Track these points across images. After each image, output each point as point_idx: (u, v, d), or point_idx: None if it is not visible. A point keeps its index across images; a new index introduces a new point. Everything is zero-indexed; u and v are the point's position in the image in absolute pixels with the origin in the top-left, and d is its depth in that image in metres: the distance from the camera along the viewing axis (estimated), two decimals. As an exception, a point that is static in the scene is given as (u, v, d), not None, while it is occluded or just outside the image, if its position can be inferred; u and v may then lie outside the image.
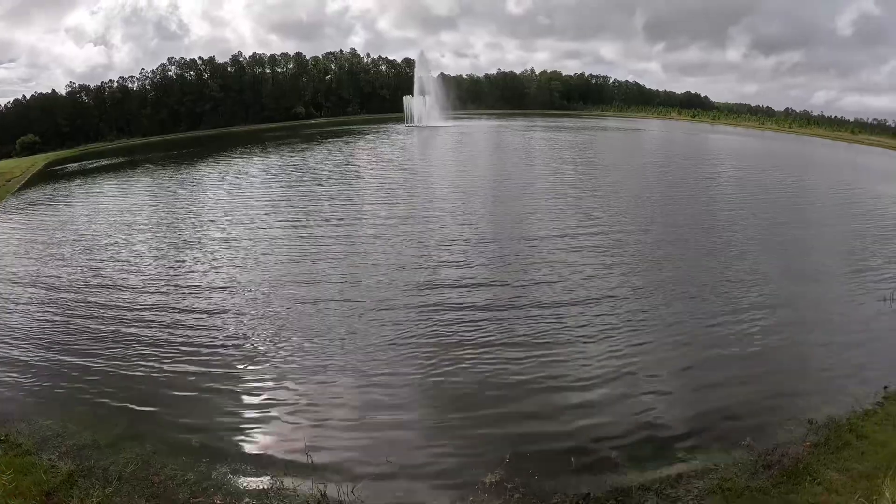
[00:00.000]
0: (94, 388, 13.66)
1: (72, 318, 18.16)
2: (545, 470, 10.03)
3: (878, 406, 11.81)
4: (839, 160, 66.88)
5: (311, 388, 13.11)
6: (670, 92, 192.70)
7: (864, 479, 9.26)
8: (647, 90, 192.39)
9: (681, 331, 15.80)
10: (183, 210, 35.22)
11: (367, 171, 48.67)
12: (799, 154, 71.33)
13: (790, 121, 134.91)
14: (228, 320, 17.14)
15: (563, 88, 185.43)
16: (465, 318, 16.65)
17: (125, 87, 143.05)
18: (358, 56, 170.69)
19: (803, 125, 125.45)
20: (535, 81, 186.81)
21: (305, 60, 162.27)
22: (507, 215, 29.84)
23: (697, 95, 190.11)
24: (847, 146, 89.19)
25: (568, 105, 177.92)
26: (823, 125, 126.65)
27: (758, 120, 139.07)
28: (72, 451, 10.96)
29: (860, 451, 10.09)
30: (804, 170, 52.89)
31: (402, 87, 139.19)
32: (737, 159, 59.65)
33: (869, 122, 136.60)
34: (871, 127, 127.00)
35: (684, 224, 28.31)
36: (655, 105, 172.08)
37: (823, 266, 22.13)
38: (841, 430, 10.81)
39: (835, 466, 9.65)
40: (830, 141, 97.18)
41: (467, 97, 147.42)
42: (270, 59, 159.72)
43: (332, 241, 25.36)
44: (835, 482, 9.23)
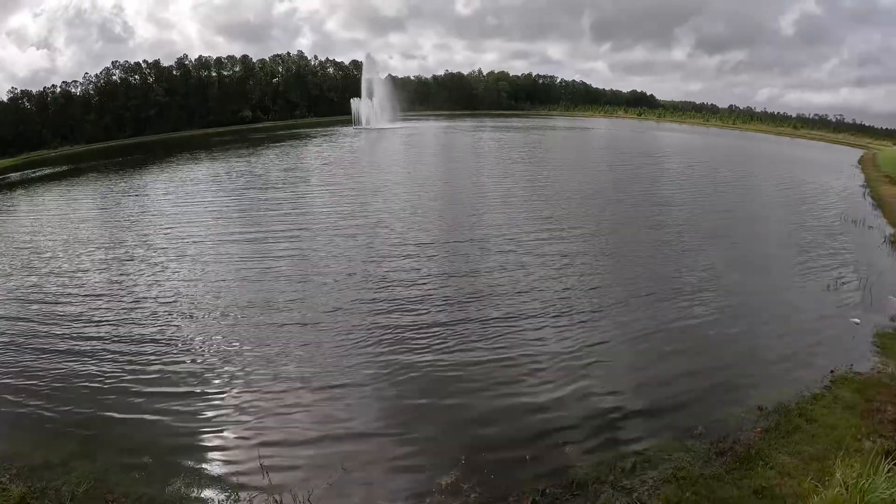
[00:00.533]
0: (43, 407, 13.23)
1: (15, 336, 17.55)
2: (501, 469, 10.03)
3: (825, 390, 12.10)
4: (783, 154, 68.34)
5: (264, 401, 12.89)
6: (617, 91, 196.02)
7: (816, 461, 9.45)
8: (593, 89, 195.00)
9: (629, 325, 15.95)
10: (128, 220, 34.33)
11: (315, 175, 48.07)
12: (743, 149, 72.70)
13: (734, 117, 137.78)
14: (177, 334, 16.75)
15: (511, 89, 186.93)
16: (416, 322, 16.56)
17: (68, 93, 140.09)
18: (305, 58, 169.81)
19: (747, 121, 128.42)
20: (483, 82, 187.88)
21: (252, 63, 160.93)
22: (457, 217, 29.65)
23: (644, 94, 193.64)
24: (790, 141, 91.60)
25: (516, 105, 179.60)
26: (766, 121, 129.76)
27: (703, 117, 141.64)
28: (23, 472, 10.64)
29: (810, 434, 10.31)
30: (749, 164, 53.93)
31: (350, 89, 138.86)
32: (684, 155, 60.70)
33: (811, 118, 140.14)
34: (812, 122, 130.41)
35: (632, 219, 28.67)
36: (602, 104, 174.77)
37: (770, 257, 22.63)
38: (791, 414, 11.04)
39: (786, 450, 9.83)
40: (774, 136, 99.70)
41: (415, 98, 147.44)
42: (217, 63, 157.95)
43: (280, 249, 24.97)
44: (787, 465, 9.39)
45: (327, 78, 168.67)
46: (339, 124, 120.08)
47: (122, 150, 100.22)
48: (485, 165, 51.59)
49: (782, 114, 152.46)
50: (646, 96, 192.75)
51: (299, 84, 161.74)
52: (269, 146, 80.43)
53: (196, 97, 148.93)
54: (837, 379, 12.56)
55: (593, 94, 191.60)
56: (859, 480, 8.06)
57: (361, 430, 11.61)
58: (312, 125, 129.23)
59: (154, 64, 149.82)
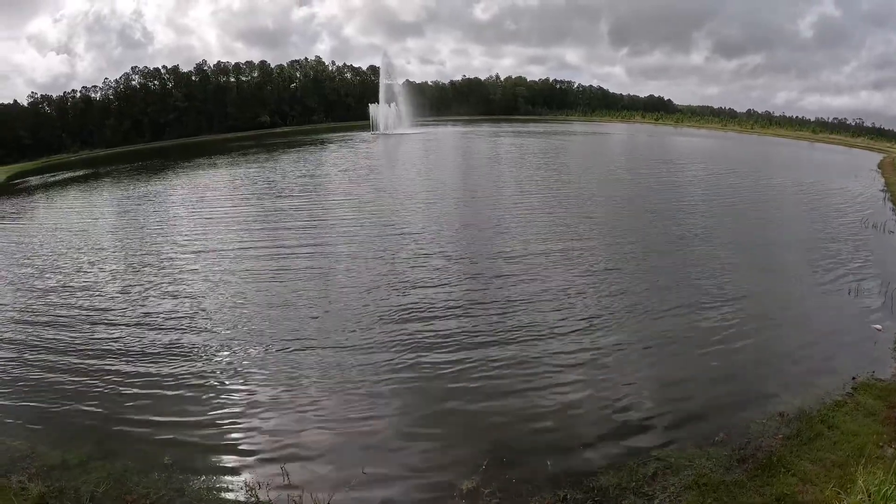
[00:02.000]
0: (63, 407, 13.34)
1: (39, 336, 17.73)
2: (522, 475, 9.98)
3: (847, 396, 11.98)
4: (802, 159, 67.87)
5: (285, 403, 12.91)
6: (634, 96, 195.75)
7: (838, 468, 9.37)
8: (610, 94, 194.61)
9: (650, 331, 15.85)
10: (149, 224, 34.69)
11: (334, 182, 47.84)
12: (762, 154, 72.26)
13: (752, 122, 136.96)
14: (198, 335, 16.86)
15: (528, 94, 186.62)
16: (440, 325, 16.57)
17: (88, 97, 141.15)
18: (323, 64, 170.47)
19: (765, 126, 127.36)
20: (501, 87, 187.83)
21: (270, 69, 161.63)
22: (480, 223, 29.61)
23: (661, 99, 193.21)
24: (809, 145, 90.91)
25: (533, 110, 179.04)
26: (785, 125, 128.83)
27: (721, 122, 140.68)
28: (42, 471, 10.69)
29: (832, 441, 10.22)
30: (769, 168, 53.49)
31: (368, 94, 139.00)
32: (703, 161, 59.98)
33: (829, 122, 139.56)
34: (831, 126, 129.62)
35: (651, 223, 28.56)
36: (619, 109, 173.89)
37: (790, 262, 22.45)
38: (812, 421, 10.93)
39: (808, 457, 9.75)
40: (792, 140, 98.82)
41: (433, 104, 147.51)
42: (235, 68, 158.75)
43: (300, 253, 25.04)
44: (809, 473, 9.32)
45: (344, 83, 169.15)
46: (356, 129, 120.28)
47: (141, 155, 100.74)
48: (507, 172, 51.11)
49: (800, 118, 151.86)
50: (663, 101, 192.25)
51: (317, 89, 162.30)
52: (288, 151, 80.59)
53: (214, 102, 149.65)
54: (859, 385, 12.43)
55: (610, 99, 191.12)
56: (882, 487, 8.01)
57: (383, 435, 11.60)
58: (330, 130, 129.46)
59: (173, 69, 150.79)
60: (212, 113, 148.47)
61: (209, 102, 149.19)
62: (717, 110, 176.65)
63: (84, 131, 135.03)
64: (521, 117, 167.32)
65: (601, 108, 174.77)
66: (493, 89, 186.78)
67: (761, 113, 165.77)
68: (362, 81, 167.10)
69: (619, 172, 49.95)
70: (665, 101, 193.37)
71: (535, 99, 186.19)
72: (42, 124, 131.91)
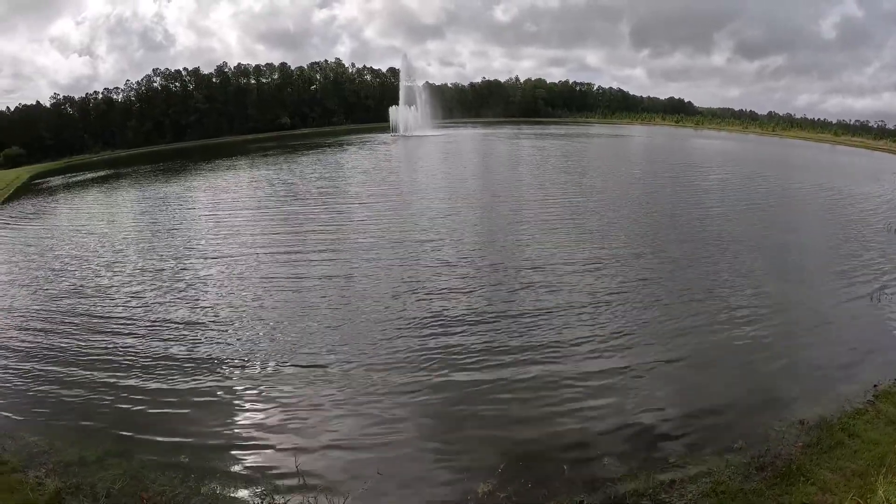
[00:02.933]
0: (81, 404, 13.51)
1: (58, 334, 17.96)
2: (538, 479, 9.98)
3: (868, 405, 11.84)
4: (823, 162, 67.20)
5: (301, 404, 12.98)
6: (654, 98, 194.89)
7: (858, 477, 9.27)
8: (630, 96, 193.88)
9: (669, 335, 15.80)
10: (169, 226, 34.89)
11: (354, 185, 47.63)
12: (784, 156, 71.59)
13: (773, 124, 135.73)
14: (216, 337, 16.95)
15: (548, 96, 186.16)
16: (456, 330, 16.57)
17: (110, 99, 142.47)
18: (343, 66, 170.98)
19: (786, 128, 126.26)
20: (520, 89, 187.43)
21: (290, 71, 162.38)
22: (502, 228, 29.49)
23: (681, 101, 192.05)
24: (830, 148, 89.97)
25: (552, 112, 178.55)
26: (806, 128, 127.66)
27: (741, 124, 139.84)
28: (59, 467, 10.82)
29: (853, 449, 10.11)
30: (789, 172, 52.92)
31: (387, 96, 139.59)
32: (725, 165, 59.25)
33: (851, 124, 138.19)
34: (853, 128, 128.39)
35: (674, 227, 28.41)
36: (639, 111, 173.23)
37: (811, 268, 22.21)
38: (833, 429, 10.82)
39: (828, 466, 9.65)
40: (814, 143, 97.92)
41: (453, 106, 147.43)
42: (255, 70, 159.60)
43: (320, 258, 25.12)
44: (828, 482, 9.23)
45: (364, 85, 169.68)
46: (376, 131, 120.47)
47: (162, 156, 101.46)
48: (529, 176, 50.80)
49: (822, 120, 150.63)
50: (683, 103, 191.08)
51: (336, 91, 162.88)
52: (308, 153, 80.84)
53: (235, 104, 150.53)
54: (881, 393, 12.28)
55: (630, 101, 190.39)
56: (903, 497, 7.94)
57: (398, 436, 11.65)
58: (350, 132, 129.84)
59: (194, 71, 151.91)
60: (232, 114, 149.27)
61: (230, 104, 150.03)
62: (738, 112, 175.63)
63: (106, 132, 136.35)
64: (540, 119, 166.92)
65: (621, 111, 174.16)
66: (513, 91, 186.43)
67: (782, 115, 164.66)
68: (382, 83, 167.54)
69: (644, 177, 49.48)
70: (685, 103, 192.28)
71: (554, 101, 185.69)
72: (64, 125, 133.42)
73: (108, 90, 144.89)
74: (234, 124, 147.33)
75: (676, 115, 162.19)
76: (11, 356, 16.50)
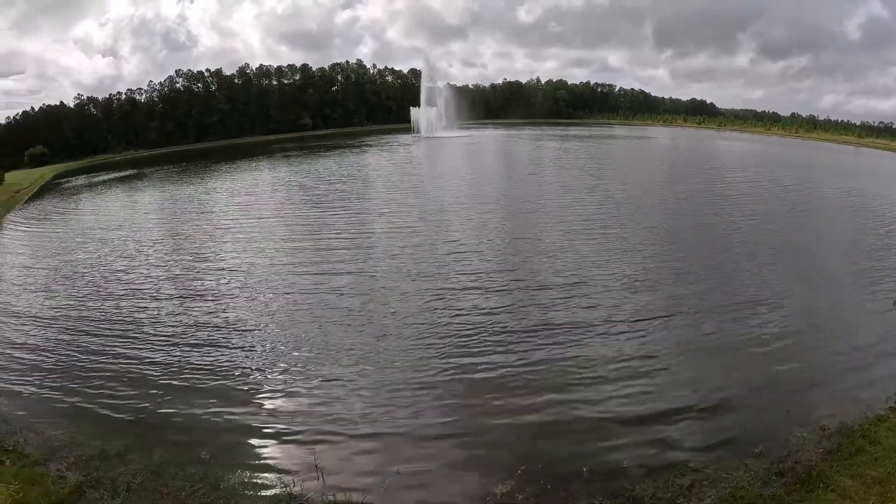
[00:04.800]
0: (103, 398, 13.68)
1: (81, 330, 18.25)
2: (557, 481, 9.98)
3: (890, 411, 11.71)
4: (847, 164, 66.57)
5: (322, 401, 13.08)
6: (676, 99, 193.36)
7: (878, 484, 9.20)
8: (652, 97, 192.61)
9: (691, 340, 15.74)
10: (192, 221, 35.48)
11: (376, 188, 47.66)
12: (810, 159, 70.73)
13: (797, 125, 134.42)
14: (238, 333, 17.18)
15: (569, 97, 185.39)
16: (477, 330, 16.61)
17: (133, 100, 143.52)
18: (364, 67, 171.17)
19: (809, 130, 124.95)
20: (542, 90, 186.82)
21: (312, 72, 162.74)
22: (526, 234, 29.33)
23: (703, 102, 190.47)
24: (854, 150, 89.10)
25: (574, 114, 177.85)
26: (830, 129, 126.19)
27: (764, 126, 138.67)
28: (80, 461, 10.97)
29: (873, 456, 10.01)
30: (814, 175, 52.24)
31: (409, 97, 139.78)
32: (750, 168, 58.31)
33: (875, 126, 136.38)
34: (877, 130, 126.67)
35: (696, 229, 28.29)
36: (661, 112, 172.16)
37: (834, 273, 21.99)
38: (853, 435, 10.71)
39: (848, 473, 9.57)
40: (837, 145, 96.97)
41: (474, 107, 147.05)
42: (277, 71, 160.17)
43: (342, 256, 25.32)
44: (848, 489, 9.16)
45: (385, 86, 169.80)
46: (397, 132, 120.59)
47: (184, 156, 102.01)
48: (554, 179, 50.17)
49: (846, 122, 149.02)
50: (705, 104, 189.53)
51: (358, 92, 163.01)
52: (329, 154, 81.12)
53: (257, 105, 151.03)
54: (903, 400, 12.21)
55: (652, 102, 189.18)
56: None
57: (418, 436, 11.70)
58: (371, 133, 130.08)
59: (216, 72, 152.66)
60: (254, 115, 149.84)
61: (252, 105, 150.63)
62: (760, 114, 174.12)
63: (129, 132, 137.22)
64: (562, 121, 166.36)
65: (642, 112, 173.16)
66: (534, 92, 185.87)
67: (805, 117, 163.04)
68: (403, 84, 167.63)
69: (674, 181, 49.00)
70: (707, 104, 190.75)
71: (576, 102, 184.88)
72: (88, 125, 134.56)
73: (131, 91, 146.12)
74: (255, 125, 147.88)
75: (698, 116, 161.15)
76: (34, 351, 16.78)
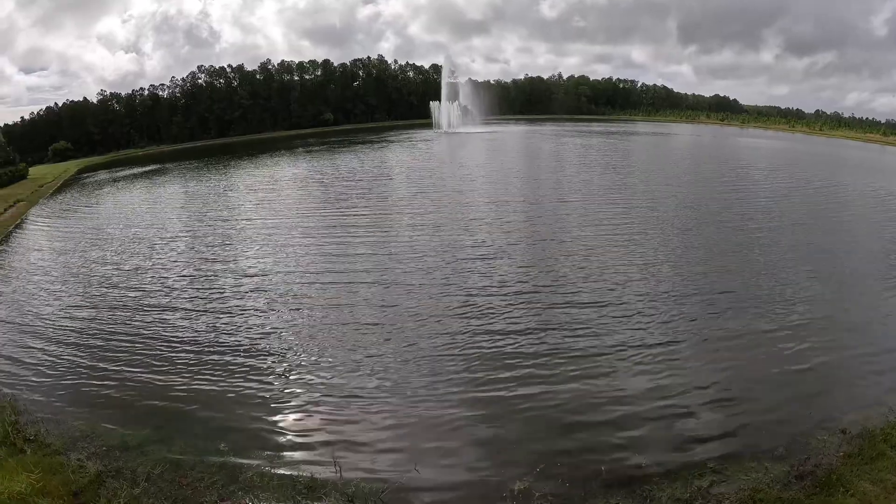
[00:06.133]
0: (124, 390, 13.91)
1: (103, 323, 18.52)
2: (575, 479, 9.99)
3: (913, 416, 11.59)
4: (873, 162, 65.72)
5: (341, 399, 13.15)
6: (699, 95, 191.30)
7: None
8: (674, 94, 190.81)
9: (713, 340, 15.66)
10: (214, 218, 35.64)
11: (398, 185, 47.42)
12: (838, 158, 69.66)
13: (821, 123, 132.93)
14: (259, 330, 17.28)
15: (591, 93, 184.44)
16: (499, 330, 16.61)
17: (155, 95, 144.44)
18: (385, 63, 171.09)
19: (834, 127, 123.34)
20: (563, 86, 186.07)
21: (333, 67, 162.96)
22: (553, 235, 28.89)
23: (726, 98, 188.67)
24: (880, 148, 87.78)
25: (595, 109, 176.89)
26: (854, 127, 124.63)
27: (788, 123, 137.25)
28: (100, 451, 11.14)
29: (894, 461, 9.91)
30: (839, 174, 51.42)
31: (430, 92, 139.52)
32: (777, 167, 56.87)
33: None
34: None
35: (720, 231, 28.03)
36: (683, 109, 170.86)
37: (857, 274, 21.64)
38: (875, 440, 10.61)
39: (868, 477, 9.48)
40: (861, 143, 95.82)
41: (495, 102, 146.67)
42: (299, 66, 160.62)
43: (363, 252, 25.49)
44: (868, 493, 9.08)
45: (407, 81, 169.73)
46: (418, 127, 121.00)
47: (207, 151, 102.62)
48: (579, 177, 49.01)
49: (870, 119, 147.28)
50: (728, 101, 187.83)
51: (379, 88, 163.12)
52: (351, 150, 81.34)
53: (278, 100, 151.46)
54: (926, 404, 12.07)
55: (674, 98, 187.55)
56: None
57: (436, 432, 11.76)
58: (393, 128, 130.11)
59: (238, 68, 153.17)
60: (276, 110, 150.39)
61: (273, 100, 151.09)
62: (784, 111, 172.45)
63: (152, 127, 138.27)
64: (584, 117, 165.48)
65: (665, 108, 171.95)
66: (556, 88, 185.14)
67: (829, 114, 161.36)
68: (425, 80, 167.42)
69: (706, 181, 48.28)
70: (730, 100, 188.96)
71: (597, 98, 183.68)
72: (111, 121, 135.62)
73: (153, 87, 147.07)
74: (277, 120, 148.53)
75: (721, 113, 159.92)
76: (57, 343, 17.04)
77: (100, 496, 9.61)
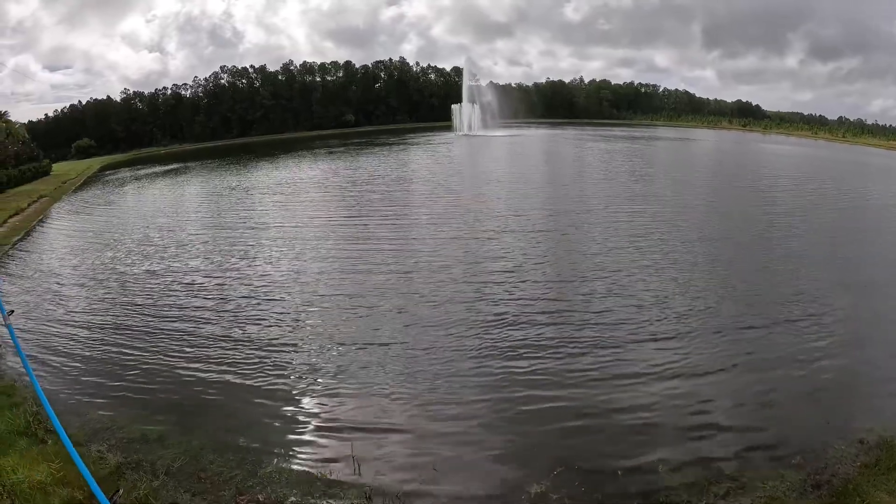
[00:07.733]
0: (146, 383, 14.04)
1: (126, 315, 18.77)
2: (592, 483, 9.94)
3: (932, 427, 11.50)
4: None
5: (361, 396, 13.18)
6: (721, 101, 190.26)
7: (916, 501, 9.07)
8: (696, 99, 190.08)
9: (732, 347, 15.49)
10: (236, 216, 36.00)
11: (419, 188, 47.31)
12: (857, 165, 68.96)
13: (844, 129, 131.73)
14: (281, 325, 17.41)
15: (613, 97, 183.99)
16: (518, 330, 16.60)
17: (178, 94, 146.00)
18: (407, 65, 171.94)
19: (857, 134, 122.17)
20: (584, 90, 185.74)
21: (355, 69, 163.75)
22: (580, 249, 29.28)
23: (748, 104, 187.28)
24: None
25: (617, 114, 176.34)
26: (878, 134, 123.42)
27: (810, 129, 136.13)
28: (121, 443, 11.25)
29: (913, 472, 9.87)
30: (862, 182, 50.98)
31: (452, 95, 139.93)
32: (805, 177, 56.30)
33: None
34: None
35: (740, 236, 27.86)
36: (705, 114, 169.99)
37: (878, 282, 21.41)
38: (893, 451, 10.48)
39: (885, 488, 9.40)
40: (885, 150, 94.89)
41: (516, 106, 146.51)
42: (321, 68, 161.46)
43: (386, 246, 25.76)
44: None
45: (428, 83, 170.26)
46: (439, 130, 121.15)
47: (229, 150, 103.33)
48: (604, 185, 48.24)
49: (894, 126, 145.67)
50: (751, 106, 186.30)
51: (400, 89, 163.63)
52: (372, 150, 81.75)
53: (300, 101, 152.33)
54: (946, 414, 11.99)
55: (696, 103, 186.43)
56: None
57: (456, 433, 11.74)
58: (414, 130, 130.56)
59: (260, 69, 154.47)
60: (297, 111, 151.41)
61: (295, 101, 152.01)
62: (807, 117, 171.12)
63: (174, 126, 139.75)
64: (605, 121, 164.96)
65: (687, 113, 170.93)
66: (578, 92, 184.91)
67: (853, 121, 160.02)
68: (446, 82, 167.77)
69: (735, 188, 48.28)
70: (753, 106, 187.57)
71: (619, 102, 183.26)
72: (134, 119, 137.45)
73: (176, 86, 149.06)
74: (298, 120, 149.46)
75: (744, 118, 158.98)
76: (80, 336, 17.22)
77: (119, 487, 9.70)
